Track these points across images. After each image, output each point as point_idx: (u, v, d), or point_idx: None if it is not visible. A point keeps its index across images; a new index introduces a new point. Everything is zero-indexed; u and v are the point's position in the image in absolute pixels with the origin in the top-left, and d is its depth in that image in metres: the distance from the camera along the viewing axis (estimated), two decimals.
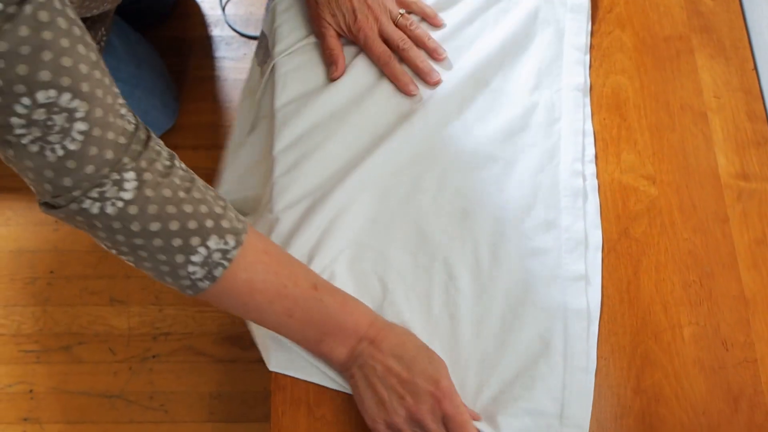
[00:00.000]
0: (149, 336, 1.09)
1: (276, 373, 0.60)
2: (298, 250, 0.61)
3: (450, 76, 0.69)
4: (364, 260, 0.62)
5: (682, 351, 0.61)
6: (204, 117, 1.24)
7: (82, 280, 1.11)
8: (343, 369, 0.58)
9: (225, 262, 0.51)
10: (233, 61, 1.31)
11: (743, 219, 0.66)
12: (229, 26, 1.32)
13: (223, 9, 1.34)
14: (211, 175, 0.69)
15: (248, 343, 0.62)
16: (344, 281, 0.61)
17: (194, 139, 1.21)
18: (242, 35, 1.32)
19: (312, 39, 0.70)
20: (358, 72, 0.68)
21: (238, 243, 0.51)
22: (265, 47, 0.75)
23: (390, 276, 0.62)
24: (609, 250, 0.65)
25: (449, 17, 0.72)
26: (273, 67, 0.70)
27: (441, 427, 0.55)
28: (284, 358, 0.60)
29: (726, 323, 0.62)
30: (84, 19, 0.85)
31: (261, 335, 0.61)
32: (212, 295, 0.53)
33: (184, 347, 1.08)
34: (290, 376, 0.60)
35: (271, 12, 0.74)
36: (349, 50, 0.69)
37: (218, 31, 1.33)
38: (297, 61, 0.69)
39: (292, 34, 0.70)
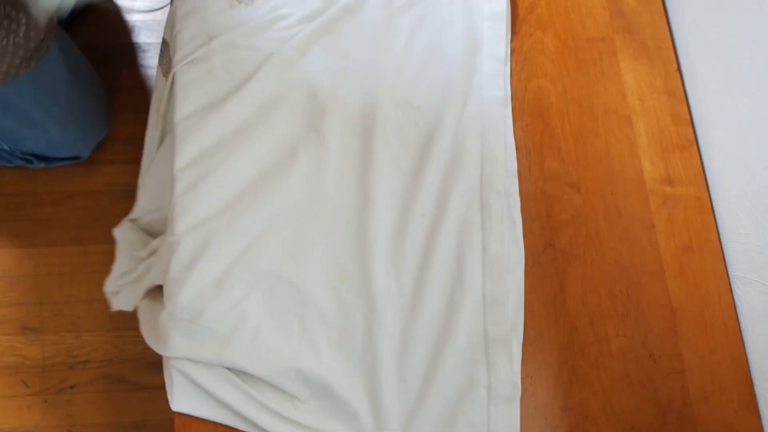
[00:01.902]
0: (65, 365, 1.01)
1: (180, 413, 0.55)
2: (202, 280, 0.56)
3: (363, 89, 0.65)
4: (281, 297, 0.58)
5: (610, 365, 0.59)
6: (138, 128, 1.17)
7: None
8: None
9: None
10: (151, 69, 1.24)
11: (669, 225, 0.65)
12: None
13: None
14: None
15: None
16: (258, 321, 0.56)
17: (126, 154, 1.14)
18: None
19: (214, 45, 0.65)
20: (263, 81, 0.64)
21: None
22: (168, 55, 0.69)
23: (309, 316, 0.57)
24: (533, 263, 0.62)
25: (361, 22, 0.68)
26: (173, 76, 0.65)
27: None
28: (189, 398, 0.55)
29: (654, 334, 0.60)
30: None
31: (167, 369, 0.57)
32: None
33: (103, 375, 1.01)
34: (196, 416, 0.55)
35: (170, 17, 0.69)
36: (253, 59, 0.65)
37: (134, 38, 1.26)
38: (198, 69, 0.64)
39: (192, 41, 0.65)
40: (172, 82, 0.65)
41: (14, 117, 0.85)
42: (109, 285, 0.67)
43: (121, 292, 0.65)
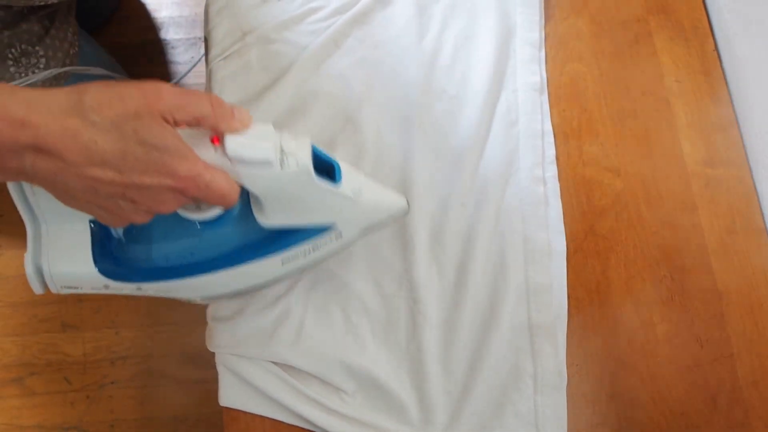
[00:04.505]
0: (106, 361, 1.04)
1: (227, 407, 0.56)
2: None
3: (398, 79, 0.64)
4: (324, 290, 0.58)
5: (656, 351, 0.59)
6: None
7: (31, 307, 1.05)
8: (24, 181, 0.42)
9: None
10: (181, 66, 1.25)
11: (712, 208, 0.64)
12: None
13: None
14: None
15: (212, 363, 0.57)
16: (302, 315, 0.57)
17: None
18: None
19: (248, 40, 0.65)
20: (298, 75, 0.64)
21: None
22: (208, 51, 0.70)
23: (353, 308, 0.58)
24: (575, 249, 0.61)
25: (393, 12, 0.67)
26: (210, 72, 0.65)
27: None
28: (237, 392, 0.56)
29: (700, 319, 0.60)
30: (51, 20, 0.81)
31: (219, 363, 0.57)
32: None
33: (143, 371, 1.03)
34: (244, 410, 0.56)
35: (205, 14, 0.69)
36: (287, 53, 0.65)
37: (163, 35, 1.27)
38: (233, 65, 0.64)
39: (227, 37, 0.65)
40: (210, 78, 0.65)
41: None
42: None
43: None
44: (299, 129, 0.62)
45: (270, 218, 0.45)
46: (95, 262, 0.45)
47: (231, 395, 0.56)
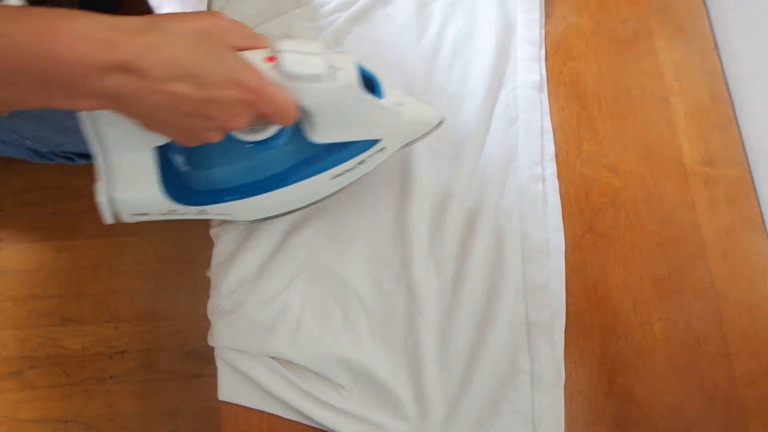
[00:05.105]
0: (105, 355, 1.04)
1: (226, 402, 0.56)
2: (243, 270, 0.57)
3: (398, 77, 0.64)
4: (322, 286, 0.58)
5: (654, 349, 0.59)
6: None
7: (30, 301, 1.05)
8: (106, 109, 0.42)
9: None
10: None
11: (710, 207, 0.64)
12: None
13: None
14: None
15: (211, 358, 0.57)
16: (300, 310, 0.57)
17: None
18: None
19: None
20: None
21: None
22: None
23: (351, 304, 0.58)
24: (574, 247, 0.61)
25: (394, 10, 0.68)
26: None
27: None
28: (235, 386, 0.56)
29: (697, 317, 0.60)
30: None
31: (218, 358, 0.57)
32: None
33: (142, 365, 1.03)
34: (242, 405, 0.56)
35: (207, 9, 0.69)
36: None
37: None
38: None
39: None
40: None
41: (49, 127, 0.86)
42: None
43: None
44: None
45: (321, 135, 0.48)
46: (162, 188, 0.48)
47: (229, 390, 0.56)
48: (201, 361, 1.03)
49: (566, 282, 0.60)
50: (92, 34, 0.37)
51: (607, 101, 0.68)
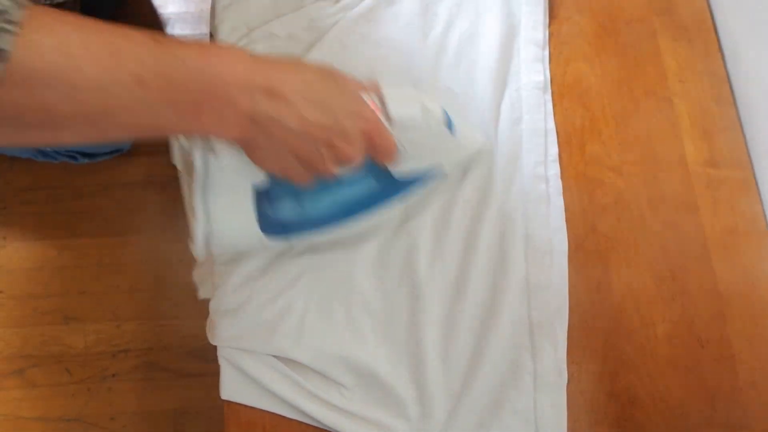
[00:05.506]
0: (107, 354, 1.04)
1: (228, 401, 0.56)
2: (248, 269, 0.57)
3: (403, 77, 0.65)
4: (326, 285, 0.58)
5: (657, 350, 0.59)
6: None
7: (33, 299, 1.05)
8: (241, 141, 0.45)
9: (7, 26, 0.33)
10: None
11: (714, 208, 0.64)
12: None
13: None
14: None
15: (212, 356, 0.57)
16: (304, 309, 0.57)
17: (164, 144, 1.16)
18: None
19: (255, 35, 0.65)
20: None
21: (16, 1, 0.34)
22: None
23: (354, 303, 0.58)
24: (576, 248, 0.61)
25: (399, 10, 0.68)
26: None
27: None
28: (238, 385, 0.56)
29: (700, 319, 0.60)
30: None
31: (221, 357, 0.57)
32: (16, 85, 0.34)
33: (144, 364, 1.04)
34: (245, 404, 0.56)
35: (211, 10, 0.69)
36: (293, 49, 0.65)
37: (168, 30, 1.27)
38: None
39: (233, 32, 0.66)
40: None
41: None
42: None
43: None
44: None
45: (402, 166, 0.53)
46: (258, 225, 0.52)
47: (232, 389, 0.56)
48: (203, 360, 1.03)
49: (569, 283, 0.60)
50: (241, 61, 0.41)
51: (610, 102, 0.68)
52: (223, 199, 0.50)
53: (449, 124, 0.53)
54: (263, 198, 0.53)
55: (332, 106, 0.44)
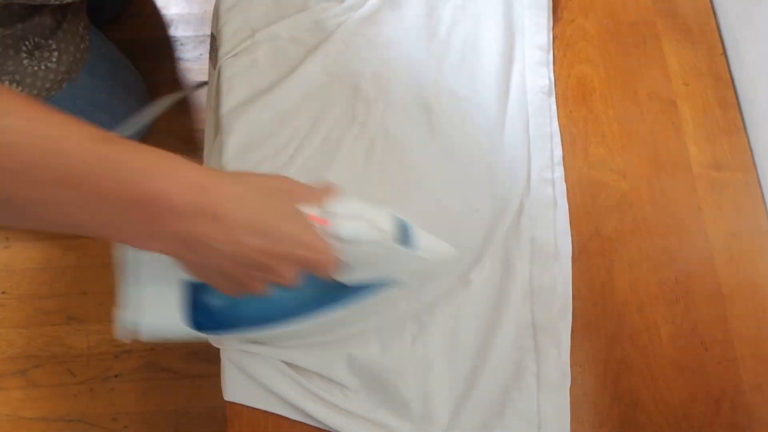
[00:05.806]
0: (110, 354, 1.04)
1: (231, 402, 0.56)
2: None
3: (406, 80, 0.65)
4: None
5: (660, 353, 0.59)
6: (179, 121, 1.19)
7: (36, 300, 1.06)
8: (165, 253, 0.42)
9: None
10: (189, 63, 1.25)
11: (717, 211, 0.64)
12: None
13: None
14: None
15: (215, 357, 0.57)
16: None
17: (167, 146, 1.16)
18: None
19: (258, 37, 0.65)
20: (307, 73, 0.64)
21: None
22: (215, 49, 0.70)
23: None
24: (580, 250, 0.61)
25: (403, 13, 0.68)
26: (219, 69, 0.66)
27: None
28: (241, 387, 0.56)
29: (703, 321, 0.60)
30: (63, 14, 0.82)
31: (224, 357, 0.57)
32: None
33: (147, 364, 1.04)
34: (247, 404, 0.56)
35: (215, 11, 0.69)
36: (296, 51, 0.65)
37: (172, 31, 1.27)
38: (242, 62, 0.64)
39: (236, 34, 0.66)
40: (219, 76, 0.65)
41: None
42: None
43: None
44: (307, 129, 0.62)
45: (350, 278, 0.50)
46: (187, 318, 0.50)
47: (235, 390, 0.56)
48: (205, 361, 1.03)
49: (572, 285, 0.60)
50: (189, 179, 0.38)
51: (614, 104, 0.68)
52: (152, 290, 0.48)
53: (406, 239, 0.49)
54: (196, 291, 0.50)
55: (273, 231, 0.41)
